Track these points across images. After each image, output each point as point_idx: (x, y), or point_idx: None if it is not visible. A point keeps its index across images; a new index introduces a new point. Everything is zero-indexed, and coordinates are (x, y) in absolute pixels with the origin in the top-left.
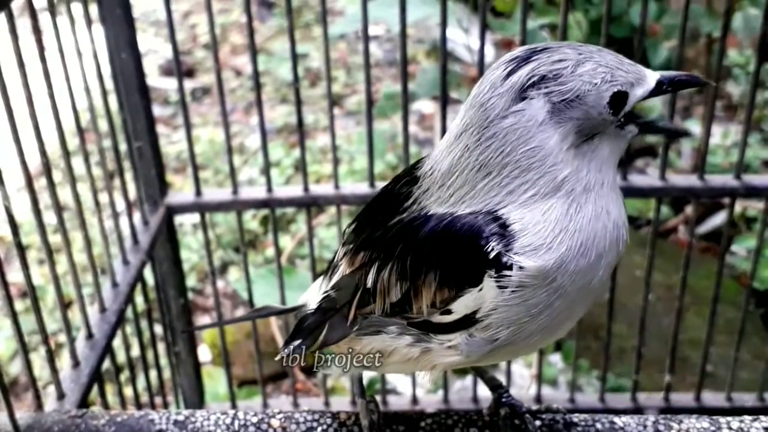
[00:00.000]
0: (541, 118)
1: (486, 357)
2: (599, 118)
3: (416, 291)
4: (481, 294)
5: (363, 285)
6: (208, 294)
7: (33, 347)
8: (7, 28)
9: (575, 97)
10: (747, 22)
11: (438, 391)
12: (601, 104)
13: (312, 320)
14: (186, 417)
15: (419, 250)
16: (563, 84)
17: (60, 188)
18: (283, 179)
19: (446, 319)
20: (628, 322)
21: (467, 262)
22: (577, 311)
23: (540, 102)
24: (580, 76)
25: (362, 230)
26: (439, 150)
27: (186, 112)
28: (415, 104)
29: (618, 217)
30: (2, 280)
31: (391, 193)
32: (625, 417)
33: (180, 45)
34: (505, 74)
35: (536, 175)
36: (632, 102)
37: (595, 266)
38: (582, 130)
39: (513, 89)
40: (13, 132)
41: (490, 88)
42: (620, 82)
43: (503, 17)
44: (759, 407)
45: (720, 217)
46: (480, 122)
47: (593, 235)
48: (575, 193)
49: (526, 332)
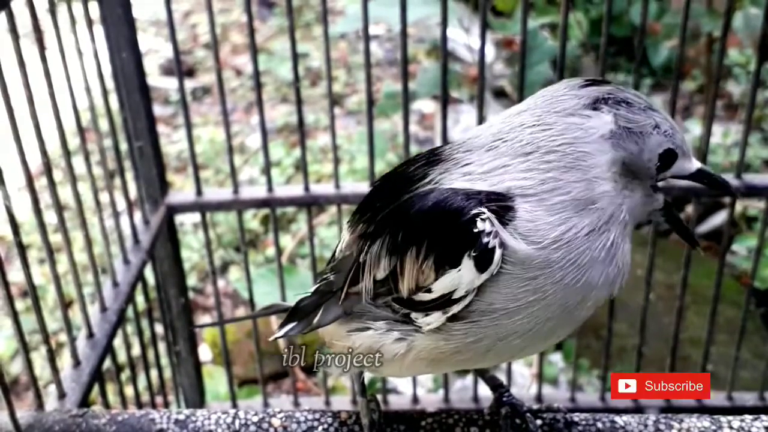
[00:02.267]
0: (602, 132)
1: (468, 356)
2: (647, 164)
3: (401, 268)
4: (459, 275)
5: (356, 261)
6: (208, 293)
7: (34, 347)
8: (8, 28)
9: (639, 132)
10: (747, 21)
11: (439, 390)
12: (655, 152)
13: (308, 302)
14: (187, 416)
15: (409, 225)
16: (635, 114)
17: (60, 188)
18: (284, 179)
19: (426, 297)
20: (629, 321)
21: (450, 239)
22: (556, 330)
23: (609, 117)
24: (651, 116)
25: (366, 209)
26: (482, 126)
27: (186, 112)
28: (416, 104)
29: (624, 262)
30: (3, 280)
31: (403, 175)
32: (626, 416)
33: (180, 44)
34: (585, 83)
35: (575, 177)
36: (675, 171)
37: (582, 291)
38: (628, 167)
39: (589, 96)
40: (13, 131)
41: (567, 88)
42: (677, 144)
43: (504, 17)
44: (760, 406)
45: (720, 217)
46: (546, 108)
47: (593, 263)
48: (602, 216)
49: (504, 330)
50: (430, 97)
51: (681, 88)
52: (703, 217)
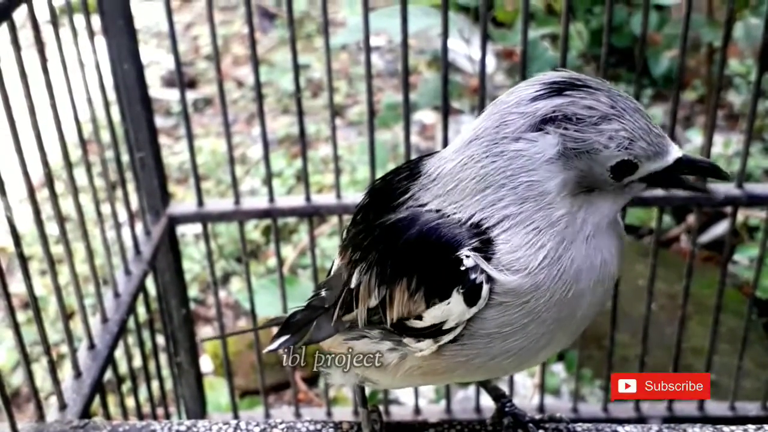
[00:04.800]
0: (549, 155)
1: (461, 373)
2: (600, 177)
3: (391, 297)
4: (449, 308)
5: (347, 285)
6: (210, 304)
7: (35, 358)
8: (9, 39)
9: (586, 150)
10: (748, 31)
11: (441, 401)
12: (606, 165)
13: (301, 317)
14: (188, 427)
15: (398, 255)
16: (581, 132)
17: (62, 199)
18: (285, 189)
19: (418, 324)
20: (631, 331)
21: (439, 274)
22: (558, 340)
23: (554, 140)
24: (600, 133)
25: (356, 226)
26: (448, 151)
27: (188, 123)
28: (417, 114)
29: (609, 257)
30: (4, 291)
31: (389, 185)
32: (628, 426)
33: (182, 56)
34: (533, 95)
35: (533, 207)
36: (641, 174)
37: (575, 302)
38: (581, 182)
39: (534, 116)
40: (15, 142)
41: (516, 104)
42: (635, 154)
43: (504, 27)
44: (762, 416)
45: (722, 227)
46: (492, 135)
47: (576, 275)
48: (568, 233)
49: (497, 350)
50: (431, 108)
51: (682, 98)
52: (704, 226)
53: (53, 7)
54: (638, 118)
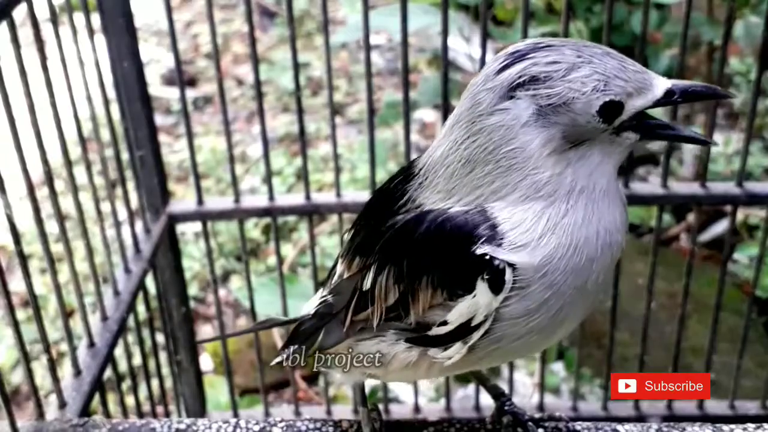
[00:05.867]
0: (524, 120)
1: (485, 358)
2: (588, 126)
3: (414, 295)
4: (475, 300)
5: (360, 289)
6: (209, 303)
7: (35, 356)
8: (9, 38)
9: (562, 103)
10: (748, 30)
11: (440, 399)
12: (589, 112)
13: (309, 325)
14: (187, 425)
15: (414, 253)
16: (551, 88)
17: (62, 197)
18: (285, 188)
19: (442, 331)
20: (631, 330)
21: (459, 267)
22: (575, 313)
23: (525, 103)
24: (570, 82)
25: (358, 234)
26: (434, 142)
27: (188, 121)
28: (417, 113)
29: (611, 222)
30: (4, 289)
31: (386, 193)
32: (628, 425)
33: (182, 54)
34: (498, 68)
35: (518, 176)
36: (630, 112)
37: (587, 267)
38: (568, 136)
39: (502, 86)
40: (15, 141)
41: (483, 81)
42: (615, 92)
43: (504, 26)
44: (762, 415)
45: (722, 225)
46: (469, 116)
47: (581, 237)
48: (557, 197)
49: (524, 330)
50: (432, 107)
51: None
52: (704, 225)
53: (53, 5)
54: (608, 60)
